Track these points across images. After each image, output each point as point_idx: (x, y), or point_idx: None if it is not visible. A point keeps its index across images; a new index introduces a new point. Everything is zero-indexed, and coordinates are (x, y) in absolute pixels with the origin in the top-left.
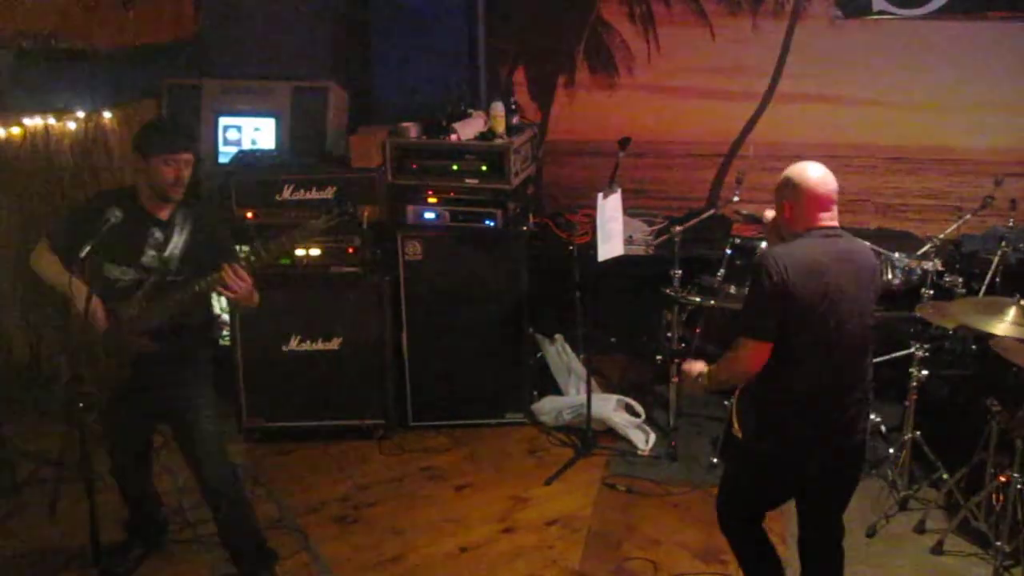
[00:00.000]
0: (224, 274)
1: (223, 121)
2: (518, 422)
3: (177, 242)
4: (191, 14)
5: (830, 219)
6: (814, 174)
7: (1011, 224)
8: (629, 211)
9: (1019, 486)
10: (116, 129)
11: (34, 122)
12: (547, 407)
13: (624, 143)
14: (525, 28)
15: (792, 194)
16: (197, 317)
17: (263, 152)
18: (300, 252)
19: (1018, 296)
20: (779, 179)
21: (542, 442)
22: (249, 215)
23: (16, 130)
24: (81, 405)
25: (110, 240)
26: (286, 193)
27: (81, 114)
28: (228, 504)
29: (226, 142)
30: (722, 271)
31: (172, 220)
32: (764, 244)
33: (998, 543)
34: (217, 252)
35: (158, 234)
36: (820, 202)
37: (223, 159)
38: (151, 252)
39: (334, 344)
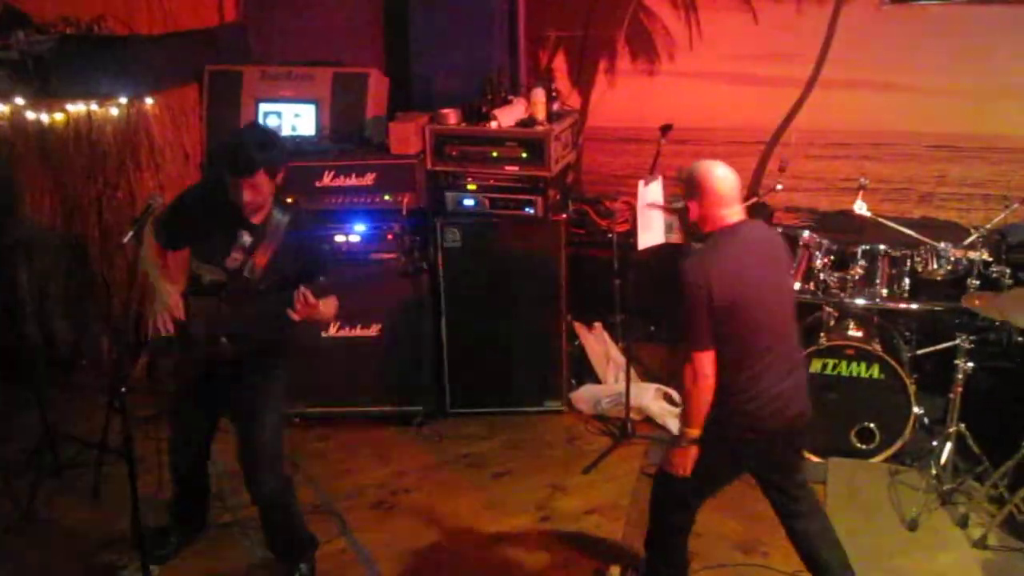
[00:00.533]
0: (296, 299)
1: (263, 107)
2: (556, 410)
3: (265, 250)
4: (232, 0)
5: (736, 214)
6: (715, 172)
7: None
8: (670, 199)
9: None
10: (158, 115)
11: (77, 108)
12: (585, 395)
13: (666, 130)
14: (566, 13)
15: (695, 193)
16: (272, 329)
17: (303, 138)
18: (340, 238)
19: None
20: (683, 176)
21: (580, 430)
22: (289, 201)
23: (59, 116)
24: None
25: (204, 237)
26: (326, 179)
27: (123, 100)
28: (275, 511)
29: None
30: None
31: (264, 225)
32: (806, 233)
33: None
34: (301, 267)
35: (246, 237)
36: (723, 200)
37: None
38: (236, 255)
39: (373, 331)
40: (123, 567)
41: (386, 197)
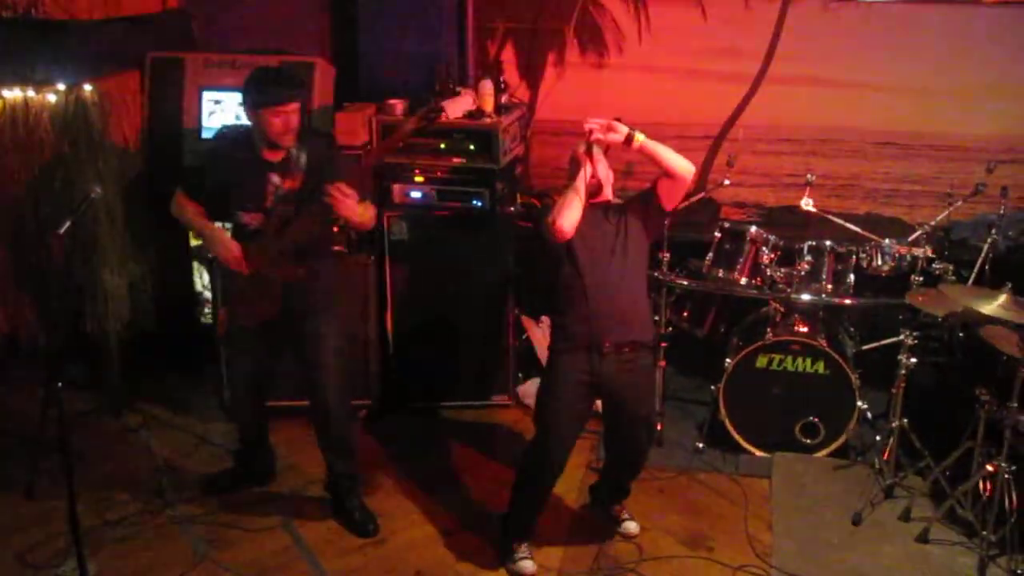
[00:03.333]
0: (332, 193)
1: (207, 96)
2: (503, 404)
3: (294, 180)
4: None
5: None
6: None
7: (1001, 212)
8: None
9: (1006, 475)
10: (97, 102)
11: (13, 94)
12: (532, 389)
13: None
14: (515, 5)
15: None
16: (323, 244)
17: (247, 127)
18: None
19: (1009, 284)
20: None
21: (527, 425)
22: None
23: None
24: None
25: (237, 186)
26: None
27: (62, 87)
28: (339, 421)
29: (210, 117)
30: (710, 254)
31: (287, 160)
32: (753, 228)
33: (984, 532)
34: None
35: (276, 178)
36: None
37: (207, 134)
38: (271, 197)
39: None
40: (58, 565)
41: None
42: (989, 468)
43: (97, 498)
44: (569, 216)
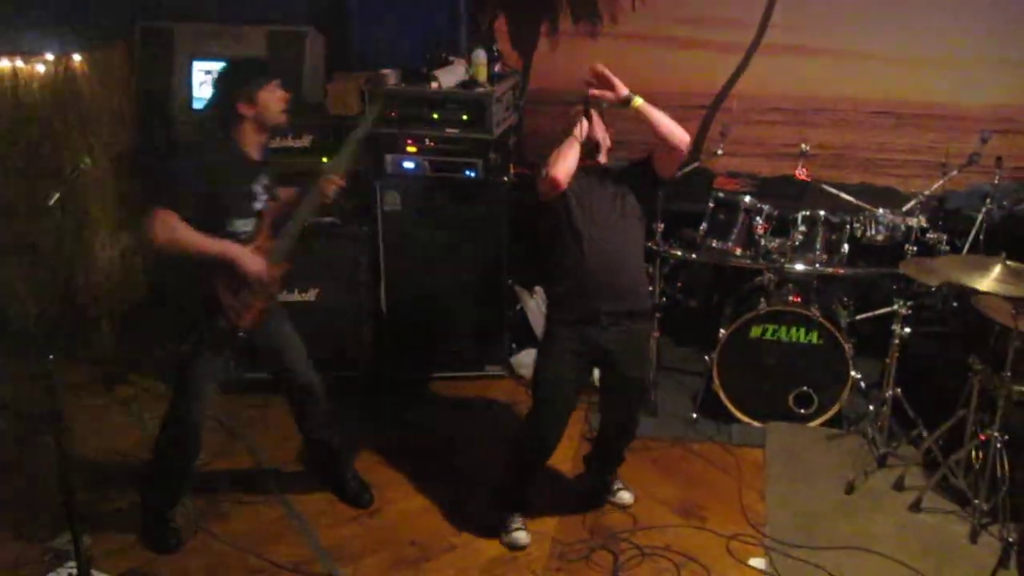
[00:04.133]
0: (324, 185)
1: (197, 65)
2: (497, 375)
3: (272, 176)
4: None
5: None
6: None
7: (996, 181)
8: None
9: (998, 444)
10: (87, 72)
11: (2, 64)
12: (526, 360)
13: None
14: None
15: None
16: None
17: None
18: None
19: (1003, 254)
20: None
21: (521, 395)
22: None
23: None
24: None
25: (231, 196)
26: None
27: (51, 57)
28: (323, 397)
29: (200, 87)
30: (704, 225)
31: (263, 158)
32: (747, 198)
33: (976, 501)
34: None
35: (263, 178)
36: None
37: (197, 104)
38: (262, 196)
39: (311, 295)
40: (52, 539)
41: (323, 159)
42: (982, 437)
43: (90, 471)
44: (564, 165)
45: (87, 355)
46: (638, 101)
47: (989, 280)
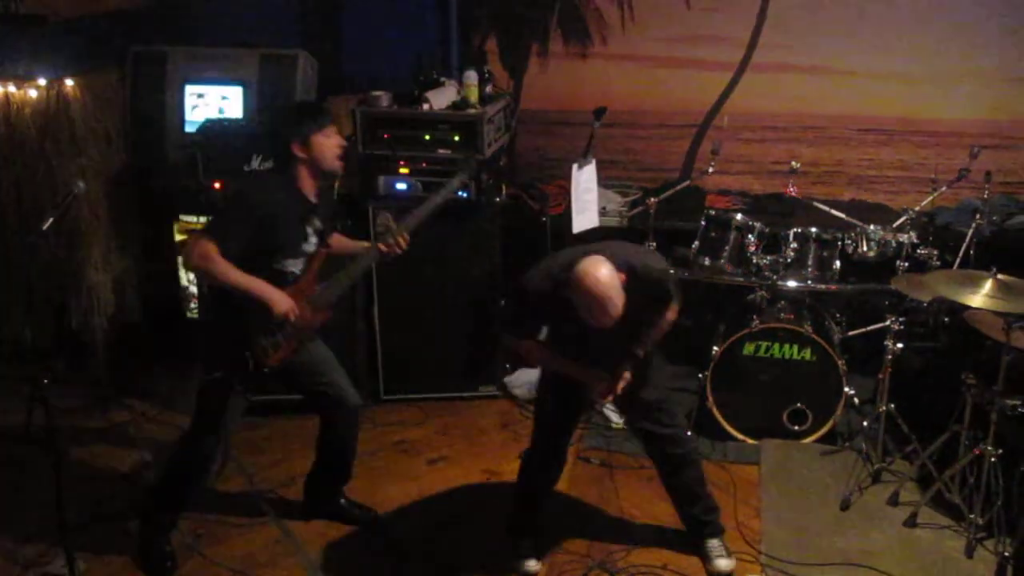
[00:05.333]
0: (388, 245)
1: (189, 89)
2: (491, 395)
3: (324, 219)
4: None
5: None
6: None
7: (986, 196)
8: (603, 182)
9: (992, 459)
10: (79, 98)
11: None
12: (520, 380)
13: (599, 113)
14: None
15: None
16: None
17: (231, 121)
18: None
19: (993, 269)
20: None
21: (515, 415)
22: (217, 185)
23: None
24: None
25: (284, 235)
26: (255, 163)
27: (43, 82)
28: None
29: (193, 110)
30: (696, 243)
31: (319, 200)
32: (739, 216)
33: (971, 516)
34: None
35: (316, 220)
36: None
37: (189, 128)
38: (313, 239)
39: None
40: (47, 562)
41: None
42: (976, 452)
43: (85, 495)
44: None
45: (81, 379)
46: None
47: (980, 295)
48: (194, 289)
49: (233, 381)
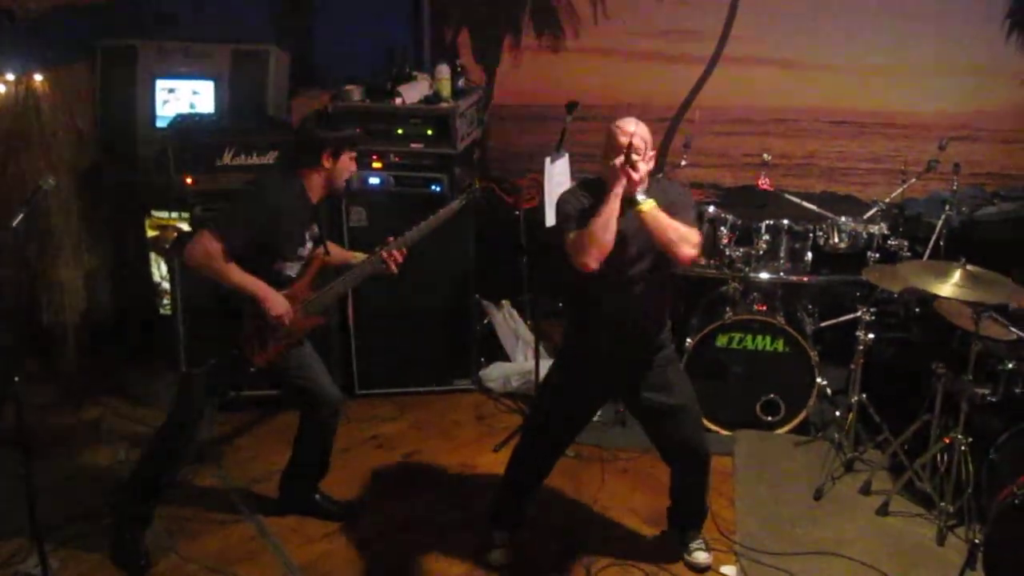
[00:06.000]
0: (387, 257)
1: (160, 84)
2: (465, 389)
3: (322, 226)
4: None
5: None
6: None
7: (954, 188)
8: (576, 175)
9: (963, 447)
10: (48, 93)
11: None
12: (495, 374)
13: (571, 107)
14: None
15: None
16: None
17: (202, 116)
18: None
19: (963, 259)
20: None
21: (490, 409)
22: (188, 181)
23: None
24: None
25: (286, 238)
26: (226, 158)
27: (11, 77)
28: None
29: (163, 105)
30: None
31: (319, 206)
32: (711, 208)
33: (942, 504)
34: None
35: (314, 226)
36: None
37: (160, 123)
38: (309, 244)
39: None
40: (20, 561)
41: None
42: (946, 440)
43: (58, 493)
44: (600, 249)
45: (53, 376)
46: (648, 205)
47: (950, 285)
48: (166, 285)
49: (218, 375)
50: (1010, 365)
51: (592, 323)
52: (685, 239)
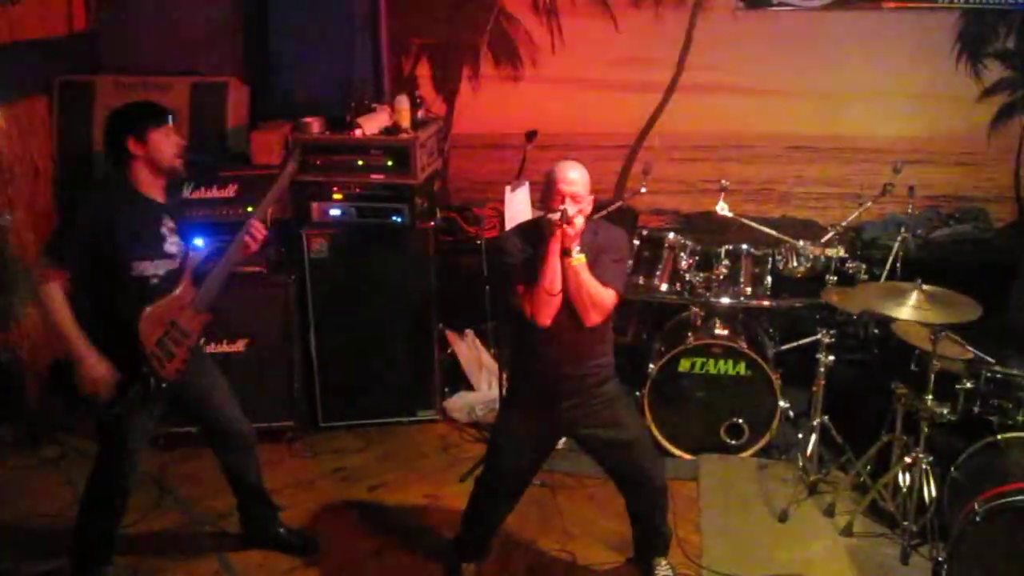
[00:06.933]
0: (253, 229)
1: None
2: (430, 419)
3: (180, 220)
4: (82, 7)
5: None
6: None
7: (910, 210)
8: (537, 204)
9: (924, 466)
10: (4, 128)
11: None
12: (459, 403)
13: (531, 136)
14: (428, 20)
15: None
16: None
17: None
18: None
19: (919, 281)
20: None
21: (455, 439)
22: None
23: None
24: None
25: (131, 237)
26: (186, 191)
27: None
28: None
29: None
30: (630, 262)
31: (168, 200)
32: (671, 235)
33: (905, 523)
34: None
35: (168, 220)
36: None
37: None
38: (171, 238)
39: (239, 346)
40: None
41: (249, 208)
42: (907, 460)
43: (17, 534)
44: (551, 308)
45: (11, 415)
46: (579, 260)
47: (907, 307)
48: None
49: (131, 404)
50: (968, 384)
51: (532, 368)
52: (597, 306)
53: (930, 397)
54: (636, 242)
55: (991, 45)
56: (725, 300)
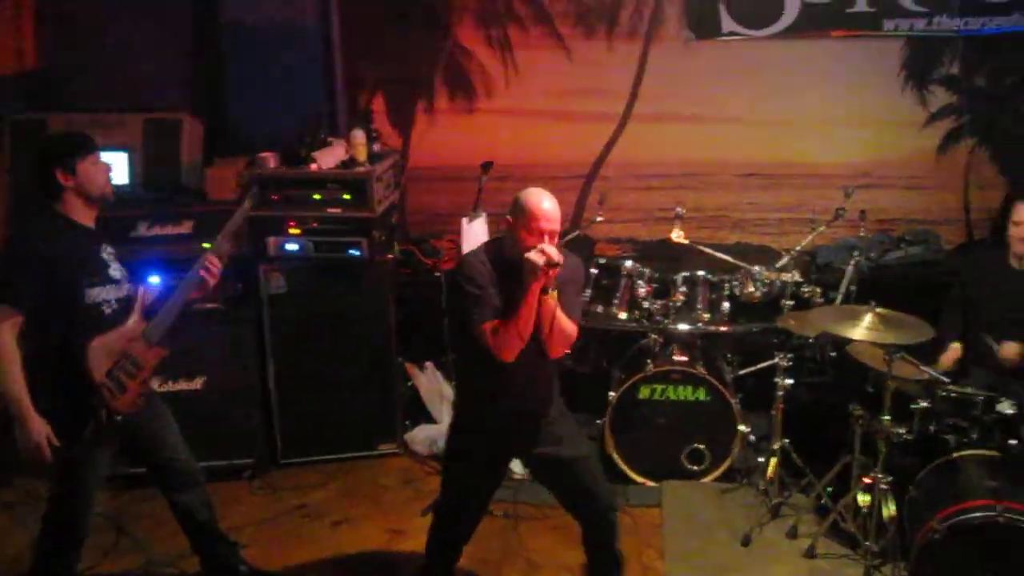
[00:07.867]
0: (208, 263)
1: None
2: (391, 453)
3: (114, 248)
4: (32, 45)
5: None
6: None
7: (862, 234)
8: (495, 235)
9: (883, 486)
10: None
11: None
12: (420, 436)
13: (486, 167)
14: (382, 54)
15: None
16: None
17: (116, 188)
18: None
19: (872, 303)
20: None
21: (417, 472)
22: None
23: None
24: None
25: (78, 265)
26: (141, 229)
27: None
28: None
29: None
30: (588, 291)
31: (98, 224)
32: (628, 263)
33: (867, 543)
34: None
35: (107, 246)
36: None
37: None
38: (113, 264)
39: (196, 384)
40: None
41: (205, 245)
42: (866, 480)
43: None
44: (517, 347)
45: None
46: (553, 296)
47: (861, 329)
48: None
49: (87, 443)
50: (923, 404)
51: (488, 396)
52: (567, 339)
53: (887, 418)
54: (594, 271)
55: (936, 72)
56: (683, 327)
